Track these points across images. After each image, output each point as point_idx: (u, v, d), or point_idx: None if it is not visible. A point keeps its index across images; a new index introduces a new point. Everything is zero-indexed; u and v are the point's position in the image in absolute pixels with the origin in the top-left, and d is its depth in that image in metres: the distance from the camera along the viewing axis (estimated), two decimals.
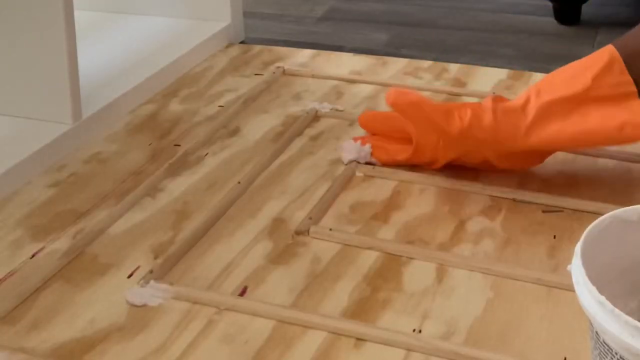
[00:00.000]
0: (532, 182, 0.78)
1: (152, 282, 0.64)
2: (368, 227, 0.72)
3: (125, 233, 0.71)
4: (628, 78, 0.72)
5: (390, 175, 0.79)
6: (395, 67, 1.02)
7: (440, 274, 0.66)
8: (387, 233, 0.71)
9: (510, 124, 0.73)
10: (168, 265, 0.67)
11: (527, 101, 0.73)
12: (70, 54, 0.83)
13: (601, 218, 0.51)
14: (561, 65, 0.76)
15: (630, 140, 0.73)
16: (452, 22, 1.26)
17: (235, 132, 0.88)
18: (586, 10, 1.27)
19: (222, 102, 0.94)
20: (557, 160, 0.81)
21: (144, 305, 0.62)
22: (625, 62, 0.72)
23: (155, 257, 0.68)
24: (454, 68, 1.02)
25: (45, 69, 0.84)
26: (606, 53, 0.73)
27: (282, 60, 1.05)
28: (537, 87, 0.75)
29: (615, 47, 0.73)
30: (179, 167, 0.81)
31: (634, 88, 0.72)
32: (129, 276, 0.66)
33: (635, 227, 0.52)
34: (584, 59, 0.75)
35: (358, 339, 0.59)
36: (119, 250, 0.69)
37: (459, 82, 0.98)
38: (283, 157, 0.82)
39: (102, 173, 0.80)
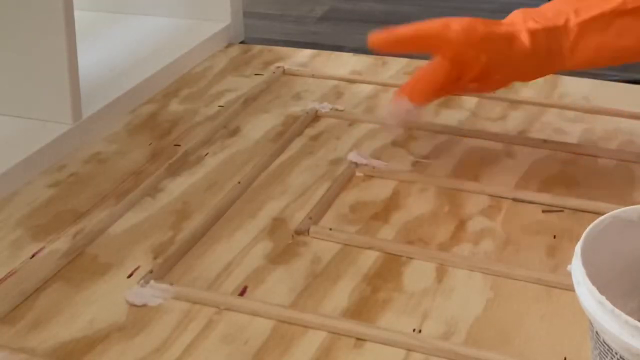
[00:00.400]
0: (532, 182, 0.78)
1: (152, 282, 0.64)
2: (368, 227, 0.72)
3: (125, 233, 0.71)
4: None
5: (390, 175, 0.79)
6: (395, 67, 1.02)
7: (440, 274, 0.66)
8: (387, 233, 0.71)
9: (556, 44, 0.74)
10: (168, 265, 0.67)
11: (567, 21, 0.74)
12: (70, 54, 0.83)
13: (601, 218, 0.51)
14: None
15: None
16: None
17: (235, 132, 0.88)
18: None
19: (222, 102, 0.94)
20: (557, 160, 0.81)
21: (144, 305, 0.62)
22: None
23: (155, 257, 0.68)
24: None
25: (45, 69, 0.84)
26: None
27: (282, 60, 1.05)
28: (573, 5, 0.75)
29: None
30: (179, 167, 0.81)
31: None
32: (129, 276, 0.66)
33: (635, 227, 0.52)
34: None
35: (358, 339, 0.59)
36: (119, 250, 0.69)
37: None
38: (283, 157, 0.82)
39: (102, 173, 0.80)
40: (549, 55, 0.74)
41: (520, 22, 0.75)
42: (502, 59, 0.75)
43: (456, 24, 0.74)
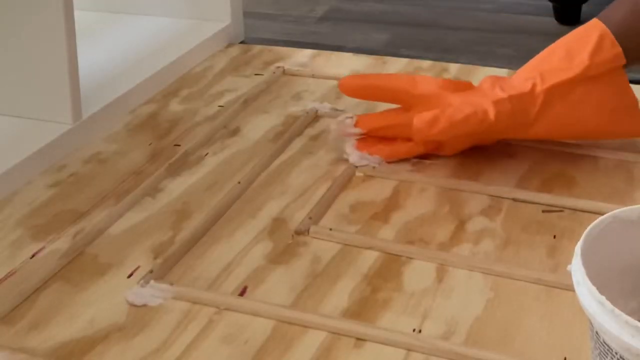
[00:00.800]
0: (532, 182, 0.78)
1: (152, 282, 0.64)
2: (368, 227, 0.72)
3: (125, 233, 0.71)
4: (619, 50, 0.74)
5: (390, 175, 0.79)
6: (395, 67, 1.02)
7: (440, 274, 0.66)
8: (387, 233, 0.71)
9: (521, 111, 0.74)
10: (168, 265, 0.67)
11: (533, 86, 0.75)
12: (70, 54, 0.83)
13: (601, 218, 0.51)
14: None
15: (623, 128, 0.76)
16: (452, 22, 1.26)
17: (235, 132, 0.88)
18: (586, 10, 1.27)
19: (222, 102, 0.94)
20: (557, 160, 0.81)
21: (144, 305, 0.62)
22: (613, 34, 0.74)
23: (155, 257, 0.68)
24: (454, 68, 1.02)
25: (45, 69, 0.84)
26: (595, 29, 0.74)
27: (282, 60, 1.05)
28: (538, 69, 0.76)
29: (601, 21, 0.74)
30: (179, 167, 0.81)
31: (624, 60, 0.74)
32: (129, 276, 0.66)
33: (635, 227, 0.52)
34: (572, 35, 0.77)
35: (358, 339, 0.59)
36: (119, 250, 0.69)
37: None
38: (283, 157, 0.82)
39: (102, 173, 0.80)
40: (513, 122, 0.75)
41: (488, 89, 0.76)
42: (463, 136, 0.77)
43: (417, 120, 0.74)
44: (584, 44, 0.75)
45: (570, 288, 0.48)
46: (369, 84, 0.81)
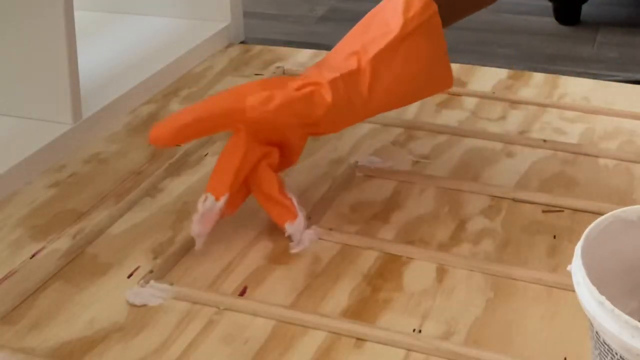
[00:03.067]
0: (532, 182, 0.78)
1: (152, 282, 0.64)
2: (368, 227, 0.72)
3: (125, 233, 0.71)
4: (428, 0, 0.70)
5: (390, 175, 0.79)
6: None
7: (440, 274, 0.66)
8: (387, 233, 0.71)
9: (354, 89, 0.69)
10: (168, 265, 0.67)
11: (359, 62, 0.70)
12: (70, 54, 0.83)
13: (601, 218, 0.51)
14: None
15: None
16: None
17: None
18: (586, 10, 1.27)
19: None
20: (557, 160, 0.81)
21: (144, 305, 0.62)
22: None
23: (155, 257, 0.68)
24: (454, 68, 1.00)
25: (45, 69, 0.84)
26: None
27: (282, 60, 1.05)
28: (360, 43, 0.71)
29: None
30: (179, 167, 0.81)
31: (435, 6, 0.71)
32: (129, 276, 0.66)
33: (636, 227, 0.52)
34: (383, 3, 0.73)
35: (358, 339, 0.59)
36: (119, 250, 0.69)
37: (459, 82, 0.98)
38: None
39: (102, 173, 0.80)
40: (350, 103, 0.70)
41: (316, 76, 0.70)
42: (310, 123, 0.70)
43: (251, 98, 0.67)
44: (395, 5, 0.71)
45: (570, 288, 0.48)
46: (181, 126, 0.67)
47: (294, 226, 0.69)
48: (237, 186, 0.68)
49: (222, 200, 0.67)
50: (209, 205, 0.67)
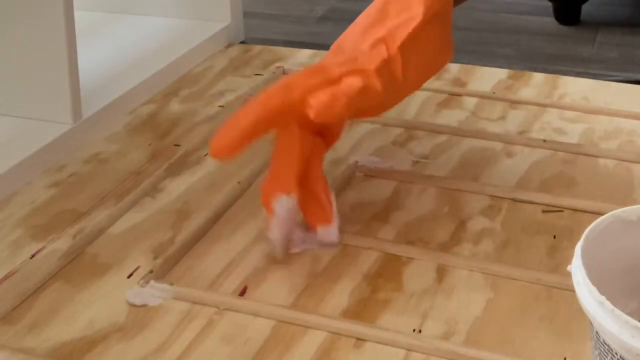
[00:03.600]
0: (532, 182, 0.78)
1: (152, 282, 0.64)
2: (368, 227, 0.72)
3: (125, 233, 0.71)
4: None
5: (390, 175, 0.79)
6: None
7: (440, 274, 0.66)
8: (387, 233, 0.71)
9: (391, 75, 0.69)
10: (168, 265, 0.67)
11: (389, 49, 0.69)
12: (70, 54, 0.83)
13: (601, 218, 0.51)
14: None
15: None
16: (452, 22, 1.26)
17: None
18: (586, 10, 1.27)
19: (222, 102, 0.94)
20: (557, 160, 0.81)
21: (144, 305, 0.62)
22: None
23: (155, 257, 0.68)
24: (454, 68, 1.02)
25: (45, 69, 0.84)
26: None
27: (282, 60, 1.05)
28: (384, 29, 0.70)
29: None
30: (179, 167, 0.81)
31: None
32: (129, 276, 0.66)
33: (636, 227, 0.52)
34: None
35: (358, 339, 0.59)
36: (119, 250, 0.69)
37: (459, 82, 0.98)
38: None
39: (102, 173, 0.80)
40: (389, 89, 0.69)
41: (354, 63, 0.68)
42: (361, 113, 0.71)
43: (315, 102, 0.65)
44: None
45: (570, 288, 0.48)
46: (242, 133, 0.65)
47: (326, 231, 0.68)
48: (300, 180, 0.67)
49: (294, 197, 0.65)
50: (285, 203, 0.65)
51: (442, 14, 0.72)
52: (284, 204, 0.65)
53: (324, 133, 0.70)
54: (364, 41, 0.71)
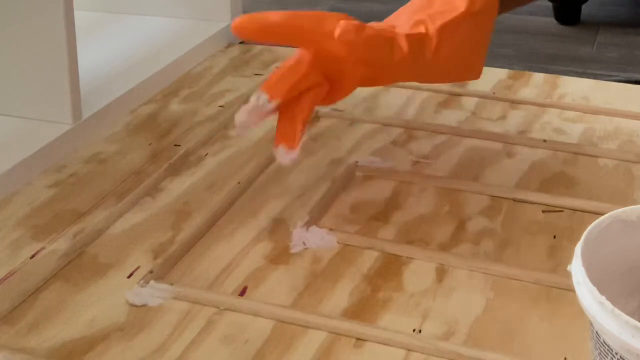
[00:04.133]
0: (532, 182, 0.78)
1: (152, 282, 0.64)
2: (368, 227, 0.72)
3: (125, 233, 0.71)
4: None
5: (390, 175, 0.79)
6: None
7: (440, 274, 0.66)
8: (387, 233, 0.71)
9: (421, 50, 0.71)
10: (168, 265, 0.67)
11: (426, 29, 0.72)
12: (70, 54, 0.83)
13: (601, 218, 0.51)
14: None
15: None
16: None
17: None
18: (586, 10, 1.27)
19: (222, 102, 0.94)
20: (557, 160, 0.81)
21: (144, 306, 0.62)
22: None
23: (155, 257, 0.68)
24: None
25: (45, 69, 0.84)
26: None
27: (282, 60, 1.04)
28: (426, 14, 0.73)
29: None
30: (179, 167, 0.81)
31: None
32: (129, 276, 0.66)
33: (635, 227, 0.52)
34: None
35: (358, 339, 0.59)
36: (119, 250, 0.69)
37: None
38: None
39: (102, 173, 0.80)
40: (415, 61, 0.71)
41: (391, 28, 0.72)
42: (379, 66, 0.71)
43: (344, 23, 0.69)
44: None
45: (570, 288, 0.48)
46: (269, 24, 0.70)
47: (285, 154, 0.69)
48: (289, 98, 0.69)
49: (274, 103, 0.68)
50: (262, 102, 0.68)
51: (485, 16, 0.73)
52: (260, 101, 0.68)
53: (334, 82, 0.71)
54: (406, 21, 0.73)
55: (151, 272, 0.65)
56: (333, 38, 0.69)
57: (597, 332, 0.46)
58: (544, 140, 0.84)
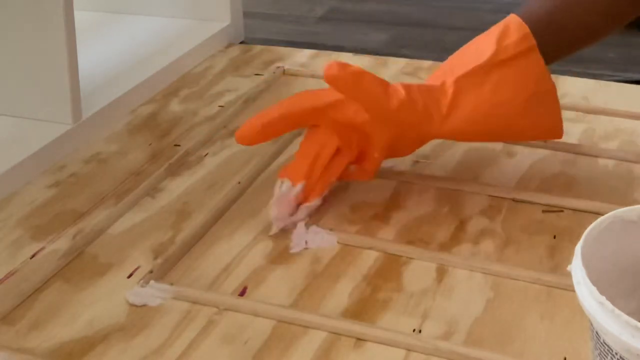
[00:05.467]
0: (532, 182, 0.78)
1: (152, 282, 0.64)
2: (368, 227, 0.72)
3: (125, 233, 0.71)
4: (526, 30, 0.71)
5: (390, 176, 0.79)
6: (395, 67, 1.02)
7: (440, 274, 0.66)
8: (387, 233, 0.71)
9: (432, 101, 0.70)
10: (168, 265, 0.67)
11: (444, 81, 0.71)
12: (70, 54, 0.83)
13: (601, 218, 0.51)
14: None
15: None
16: (452, 22, 1.26)
17: (235, 132, 0.87)
18: None
19: (222, 102, 0.94)
20: (557, 160, 0.81)
21: (144, 306, 0.62)
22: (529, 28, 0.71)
23: (155, 257, 0.68)
24: None
25: (45, 69, 0.84)
26: (503, 21, 0.72)
27: (282, 60, 1.05)
28: (449, 65, 0.72)
29: (520, 16, 0.72)
30: (179, 167, 0.81)
31: (533, 41, 0.71)
32: (129, 276, 0.66)
33: (636, 227, 0.52)
34: (483, 33, 0.73)
35: (358, 339, 0.59)
36: (119, 250, 0.69)
37: None
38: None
39: (102, 173, 0.80)
40: (427, 113, 0.70)
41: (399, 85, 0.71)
42: (376, 111, 0.70)
43: (330, 62, 0.69)
44: (491, 35, 0.72)
45: (570, 288, 0.48)
46: (269, 122, 0.70)
47: (286, 189, 0.70)
48: (315, 176, 0.71)
49: (299, 187, 0.70)
50: (285, 189, 0.70)
51: (524, 68, 0.70)
52: (283, 189, 0.70)
53: (359, 151, 0.73)
54: (432, 76, 0.73)
55: (151, 272, 0.65)
56: (334, 105, 0.70)
57: (597, 332, 0.46)
58: (544, 140, 0.84)
